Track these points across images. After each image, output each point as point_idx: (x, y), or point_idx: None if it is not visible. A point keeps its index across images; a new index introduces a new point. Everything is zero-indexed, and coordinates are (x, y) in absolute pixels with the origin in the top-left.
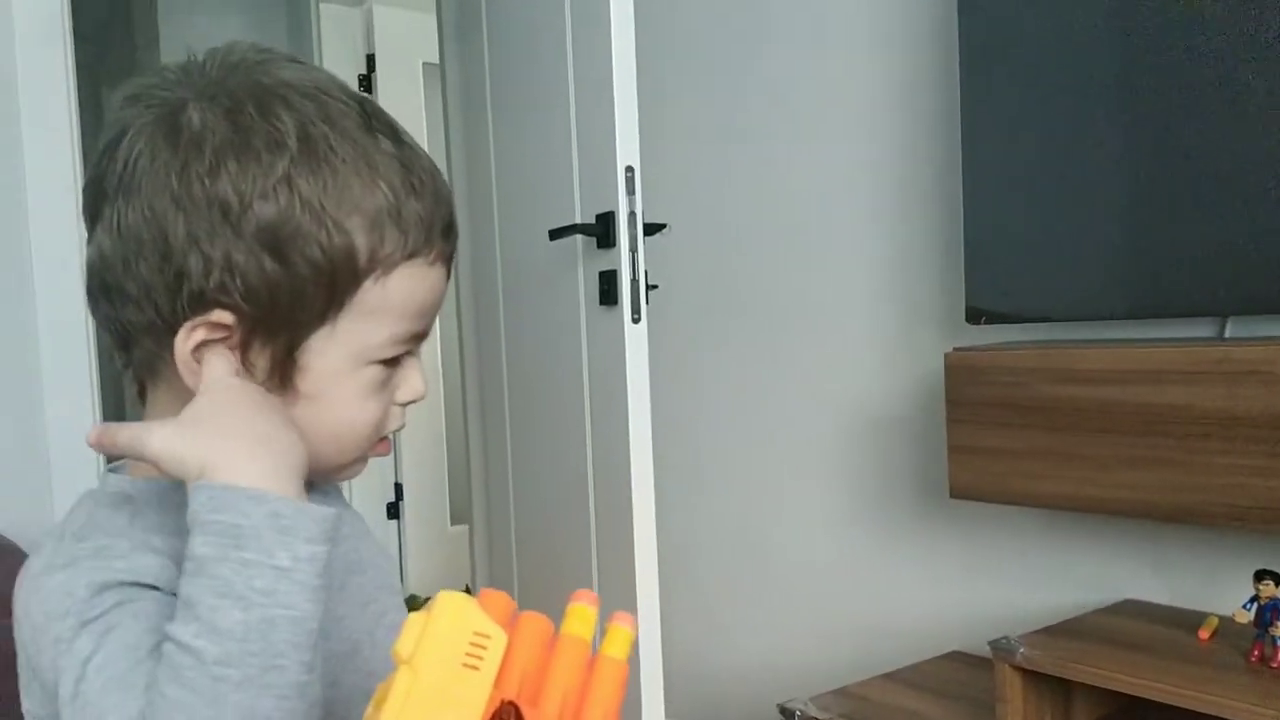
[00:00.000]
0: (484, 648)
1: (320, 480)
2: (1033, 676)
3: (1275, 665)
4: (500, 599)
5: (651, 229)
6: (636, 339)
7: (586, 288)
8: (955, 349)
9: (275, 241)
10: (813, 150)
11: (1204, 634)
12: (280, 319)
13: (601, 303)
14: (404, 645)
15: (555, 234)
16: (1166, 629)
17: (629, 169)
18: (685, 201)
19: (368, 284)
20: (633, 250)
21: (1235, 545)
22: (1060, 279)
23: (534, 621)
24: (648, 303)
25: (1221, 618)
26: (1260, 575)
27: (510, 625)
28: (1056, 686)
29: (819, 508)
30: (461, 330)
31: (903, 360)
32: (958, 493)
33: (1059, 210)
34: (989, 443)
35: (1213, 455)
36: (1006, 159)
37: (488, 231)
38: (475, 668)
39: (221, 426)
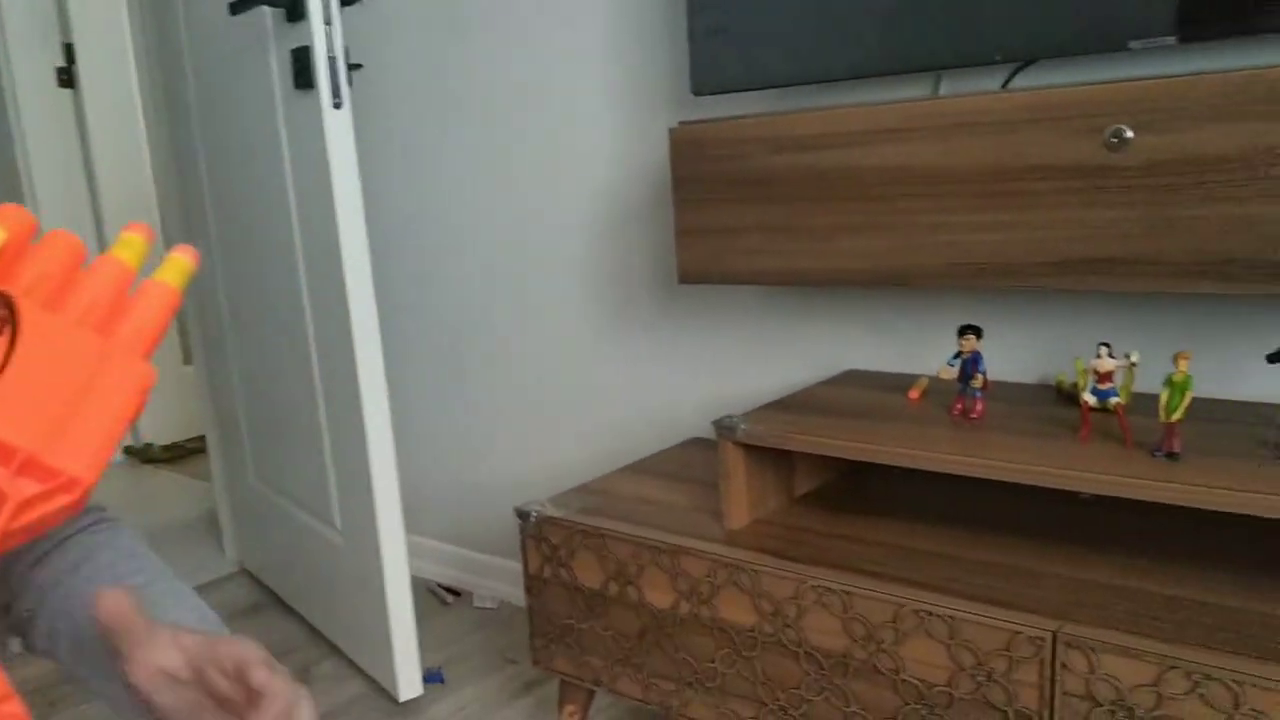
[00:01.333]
0: None
1: None
2: (755, 451)
3: (974, 416)
4: (19, 212)
5: None
6: (339, 127)
7: (280, 69)
8: (681, 123)
9: None
10: None
11: (914, 394)
12: None
13: (297, 86)
14: None
15: (236, 7)
16: (884, 394)
17: None
18: None
19: None
20: (327, 22)
21: (950, 304)
22: (781, 41)
23: (63, 238)
24: (351, 85)
25: (933, 378)
26: (963, 331)
27: (29, 235)
28: (780, 459)
29: (556, 304)
30: (154, 128)
31: (636, 141)
32: (686, 277)
33: None
34: (716, 221)
35: (926, 214)
36: None
37: (171, 10)
38: None
39: None
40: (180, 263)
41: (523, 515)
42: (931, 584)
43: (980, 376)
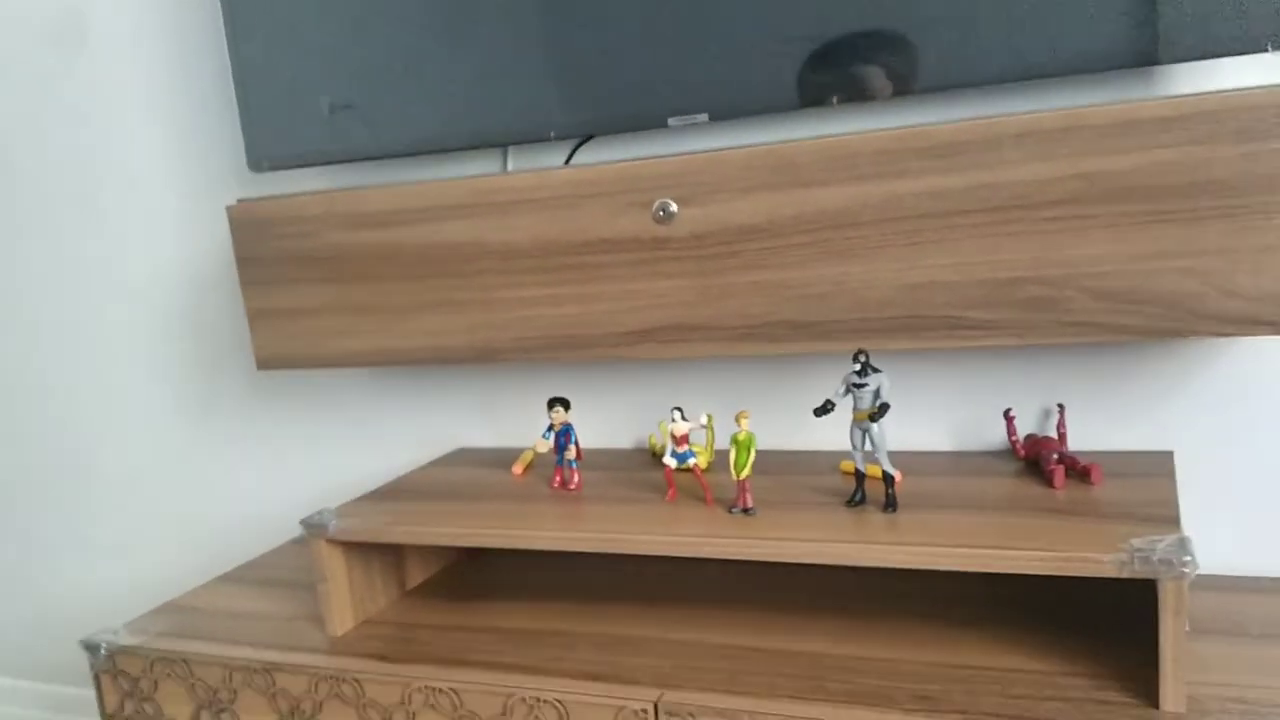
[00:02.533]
0: None
1: None
2: (355, 547)
3: (572, 488)
4: None
5: None
6: None
7: None
8: (239, 200)
9: None
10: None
11: (518, 469)
12: None
13: None
14: None
15: None
16: (491, 471)
17: None
18: None
19: None
20: None
21: (546, 376)
22: (345, 115)
23: None
24: None
25: (539, 452)
26: (551, 403)
27: None
28: (386, 552)
29: (133, 401)
30: None
31: (203, 221)
32: (264, 363)
33: (329, 42)
34: (290, 302)
35: (497, 290)
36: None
37: None
38: None
39: None
40: None
41: (92, 648)
42: (540, 667)
43: (574, 447)
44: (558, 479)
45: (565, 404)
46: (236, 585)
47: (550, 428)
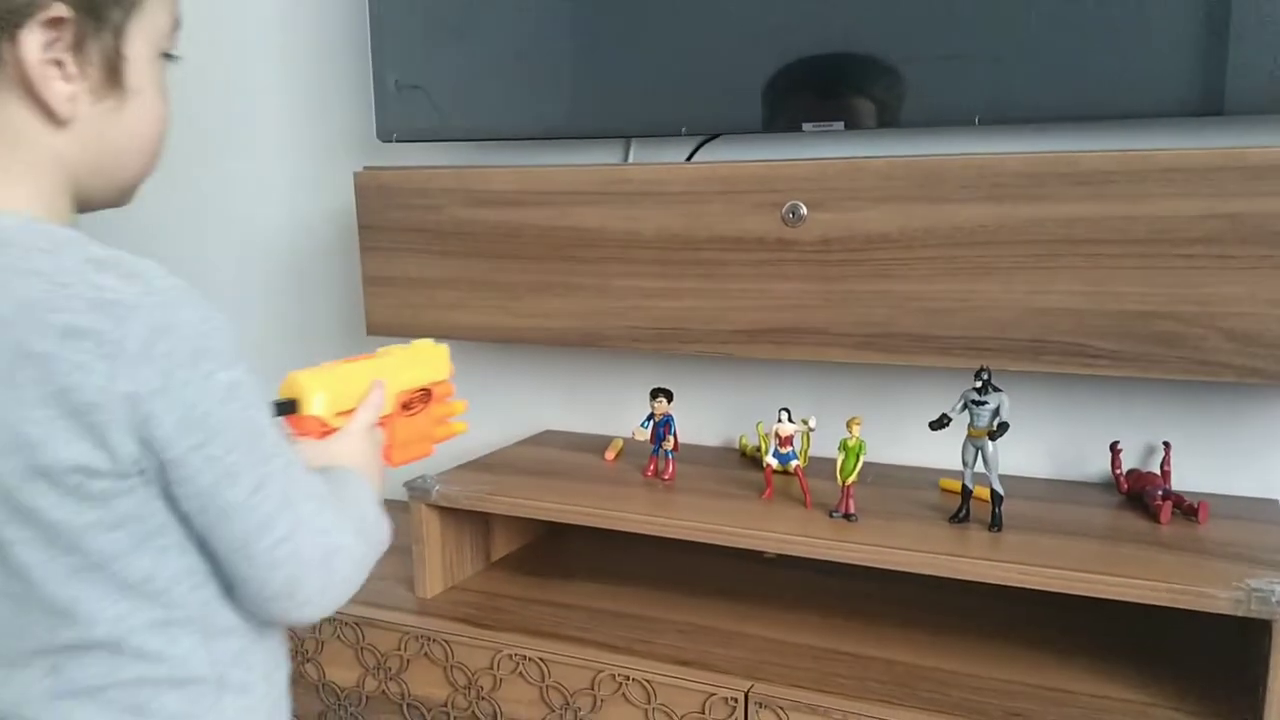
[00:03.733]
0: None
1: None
2: (451, 513)
3: (667, 478)
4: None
5: None
6: None
7: None
8: (366, 168)
9: None
10: None
11: (610, 455)
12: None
13: None
14: (421, 341)
15: None
16: (580, 455)
17: None
18: None
19: None
20: None
21: (642, 366)
22: (473, 95)
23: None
24: None
25: (627, 439)
26: (654, 394)
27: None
28: (476, 522)
29: None
30: None
31: (320, 187)
32: (375, 328)
33: (471, 25)
34: (407, 272)
35: (615, 278)
36: None
37: None
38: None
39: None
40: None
41: None
42: (629, 647)
43: (672, 439)
44: (651, 468)
45: (669, 395)
46: None
47: (650, 417)
